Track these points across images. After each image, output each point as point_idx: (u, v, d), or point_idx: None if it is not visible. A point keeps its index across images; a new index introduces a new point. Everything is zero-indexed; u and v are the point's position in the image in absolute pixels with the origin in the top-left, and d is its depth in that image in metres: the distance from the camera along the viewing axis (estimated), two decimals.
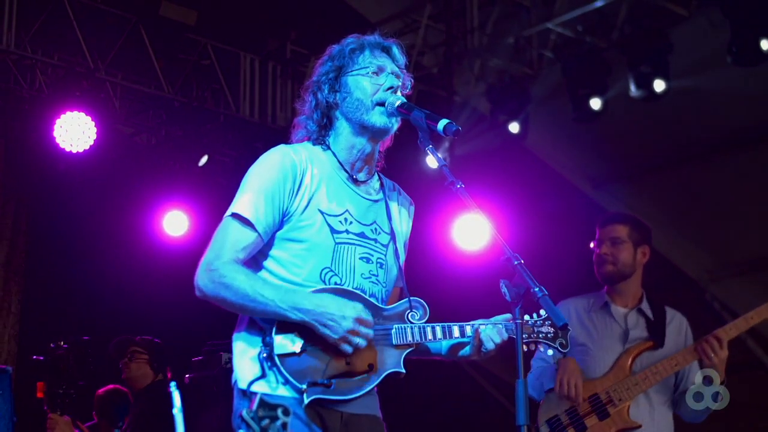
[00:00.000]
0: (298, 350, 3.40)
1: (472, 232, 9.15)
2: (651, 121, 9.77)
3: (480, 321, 3.69)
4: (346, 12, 9.75)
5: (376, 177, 3.80)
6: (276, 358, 3.38)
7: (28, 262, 9.43)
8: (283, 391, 3.39)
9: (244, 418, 2.47)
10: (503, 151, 9.66)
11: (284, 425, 2.49)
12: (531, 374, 5.58)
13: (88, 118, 8.51)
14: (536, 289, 3.23)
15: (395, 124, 3.65)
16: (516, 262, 3.28)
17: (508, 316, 3.68)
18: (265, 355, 3.39)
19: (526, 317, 3.70)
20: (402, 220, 3.85)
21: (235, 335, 3.58)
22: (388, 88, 3.64)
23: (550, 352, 3.76)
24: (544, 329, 3.72)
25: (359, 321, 3.41)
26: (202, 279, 3.44)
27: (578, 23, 8.95)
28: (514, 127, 9.30)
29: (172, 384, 2.81)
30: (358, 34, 3.79)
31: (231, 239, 3.47)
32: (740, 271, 10.98)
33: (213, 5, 9.39)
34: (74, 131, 8.48)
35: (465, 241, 9.29)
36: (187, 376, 6.81)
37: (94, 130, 8.54)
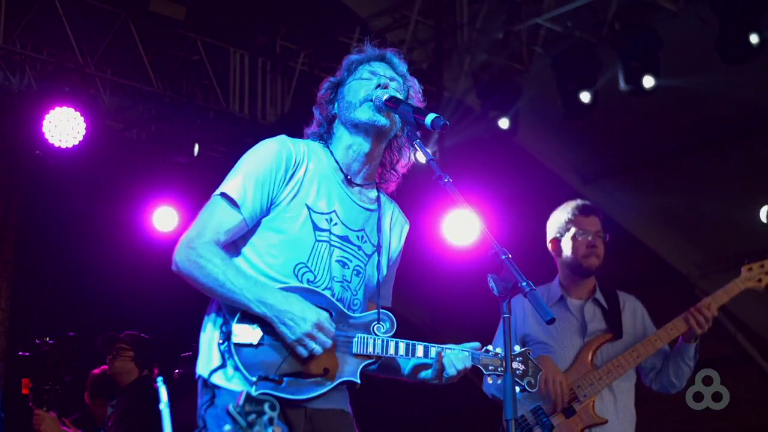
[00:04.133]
0: (255, 342, 3.38)
1: (462, 227, 9.16)
2: (640, 117, 9.78)
3: (448, 346, 3.63)
4: (336, 7, 9.74)
5: (374, 189, 3.79)
6: (232, 347, 3.37)
7: (17, 258, 9.40)
8: (235, 382, 3.37)
9: (230, 413, 2.46)
10: (493, 147, 9.66)
11: (271, 420, 2.49)
12: None
13: (78, 114, 8.48)
14: (524, 284, 3.23)
15: (383, 119, 3.62)
16: (504, 257, 3.28)
17: (477, 344, 3.67)
18: (220, 342, 3.39)
19: (498, 349, 3.67)
20: (393, 236, 3.83)
21: (204, 318, 3.57)
22: (377, 86, 3.64)
23: (518, 389, 3.65)
24: (513, 365, 3.65)
25: (319, 327, 3.38)
26: (179, 254, 3.45)
27: (568, 18, 8.95)
28: (504, 123, 9.30)
29: (159, 379, 2.80)
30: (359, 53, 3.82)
31: (215, 220, 3.47)
32: (729, 266, 10.99)
33: (202, 1, 9.37)
34: (63, 127, 8.44)
35: (454, 236, 9.29)
36: (176, 371, 6.80)
37: (84, 125, 8.50)
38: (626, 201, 10.93)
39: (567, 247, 5.61)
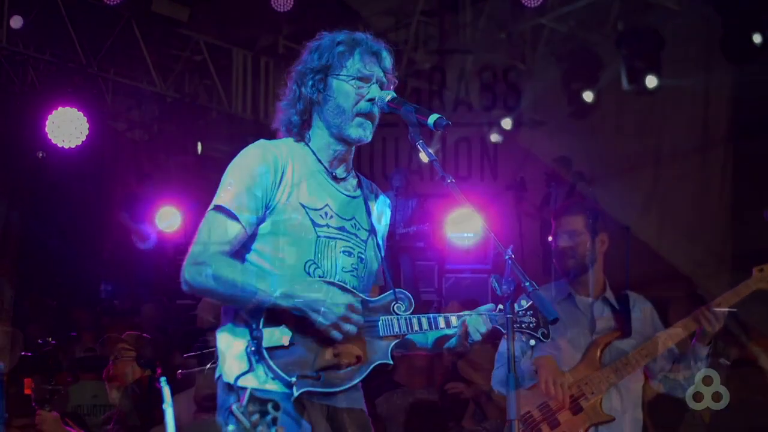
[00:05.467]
0: (286, 343, 3.39)
1: (465, 227, 9.16)
2: (644, 116, 9.78)
3: (465, 312, 3.67)
4: (339, 7, 9.73)
5: (353, 174, 3.80)
6: (264, 352, 3.37)
7: (20, 258, 9.41)
8: (272, 385, 3.36)
9: (234, 413, 2.46)
10: (495, 146, 9.66)
11: (274, 420, 2.48)
12: (498, 370, 5.53)
13: (81, 114, 8.50)
14: (527, 284, 3.22)
15: (370, 135, 3.64)
16: (507, 257, 3.27)
17: (491, 306, 3.68)
18: (252, 348, 3.37)
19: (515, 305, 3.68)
20: (380, 216, 3.85)
21: (219, 329, 3.56)
22: (370, 100, 3.62)
23: (533, 342, 3.69)
24: (525, 319, 3.68)
25: (351, 308, 3.42)
26: (189, 273, 3.42)
27: (571, 18, 8.96)
28: (506, 123, 9.31)
29: (162, 379, 2.79)
30: (349, 31, 3.75)
31: (216, 232, 3.46)
32: (733, 266, 10.99)
33: (205, 1, 9.37)
34: (66, 127, 8.46)
35: (457, 236, 9.29)
36: (179, 372, 6.80)
37: (87, 125, 8.52)
38: (629, 200, 10.91)
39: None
